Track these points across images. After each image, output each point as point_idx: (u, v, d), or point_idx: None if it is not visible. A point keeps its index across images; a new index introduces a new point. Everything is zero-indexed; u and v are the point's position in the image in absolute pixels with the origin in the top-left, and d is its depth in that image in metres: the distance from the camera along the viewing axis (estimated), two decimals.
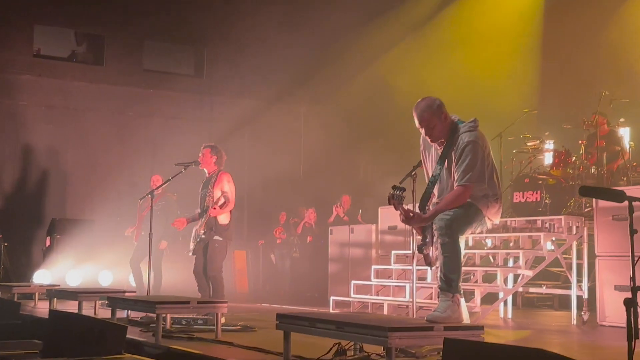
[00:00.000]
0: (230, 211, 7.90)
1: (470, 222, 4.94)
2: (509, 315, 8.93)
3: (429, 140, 5.09)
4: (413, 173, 5.73)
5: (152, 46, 17.05)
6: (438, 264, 4.90)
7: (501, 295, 8.24)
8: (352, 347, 4.79)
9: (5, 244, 12.96)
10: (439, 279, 4.84)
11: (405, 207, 4.99)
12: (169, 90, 16.61)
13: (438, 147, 5.08)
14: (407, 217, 4.94)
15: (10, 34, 15.13)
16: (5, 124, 14.88)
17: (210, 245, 7.77)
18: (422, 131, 5.08)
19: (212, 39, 16.87)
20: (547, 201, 9.65)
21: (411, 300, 6.75)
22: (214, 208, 7.75)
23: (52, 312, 6.08)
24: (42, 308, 9.26)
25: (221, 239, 7.77)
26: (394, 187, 4.87)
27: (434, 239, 4.91)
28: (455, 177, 4.93)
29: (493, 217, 5.05)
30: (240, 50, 16.54)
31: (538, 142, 10.56)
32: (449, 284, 4.77)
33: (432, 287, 8.49)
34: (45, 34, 16.03)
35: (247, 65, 16.59)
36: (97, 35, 16.38)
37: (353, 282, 9.94)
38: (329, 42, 15.63)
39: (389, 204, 4.89)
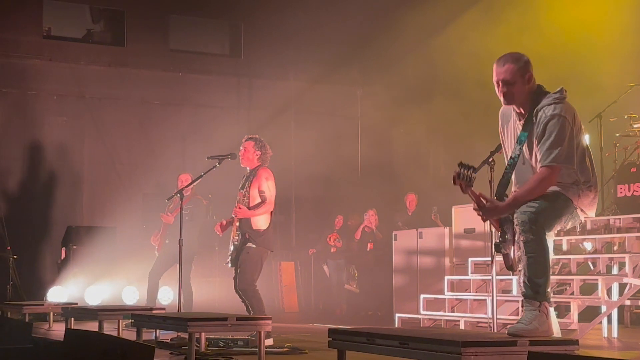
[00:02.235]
0: (271, 213, 7.95)
1: (559, 215, 4.89)
2: (614, 334, 8.78)
3: (502, 101, 5.03)
4: (490, 160, 5.69)
5: (179, 22, 17.31)
6: (520, 267, 4.87)
7: (603, 309, 8.14)
8: None
9: (14, 257, 13.31)
10: (522, 284, 4.80)
11: (477, 192, 4.95)
12: (200, 74, 16.83)
13: (518, 121, 5.04)
14: (480, 206, 4.91)
15: (16, 12, 15.52)
16: (11, 117, 15.27)
17: (242, 253, 7.85)
18: (498, 89, 5.03)
19: (249, 12, 17.02)
20: None
21: (492, 316, 6.70)
22: (239, 208, 7.82)
23: (69, 332, 6.26)
24: (57, 330, 9.50)
25: (254, 246, 7.81)
26: (461, 165, 4.85)
27: (516, 237, 4.87)
28: (538, 157, 4.88)
29: (587, 209, 4.98)
30: (283, 24, 16.64)
31: None
32: (535, 290, 4.74)
33: (518, 301, 8.43)
34: (56, 11, 16.41)
35: (291, 42, 16.69)
36: (116, 11, 16.71)
37: (422, 296, 9.95)
38: (386, 10, 15.59)
39: (454, 184, 4.86)
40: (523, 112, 5.03)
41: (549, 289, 4.78)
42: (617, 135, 10.92)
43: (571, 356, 3.57)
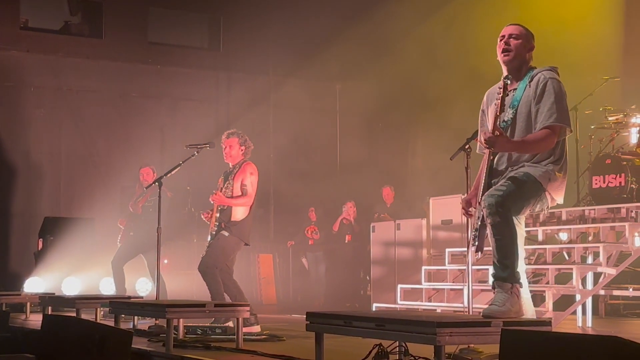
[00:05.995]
0: (250, 207, 7.98)
1: (527, 198, 4.91)
2: (589, 323, 8.88)
3: (501, 54, 5.06)
4: (467, 147, 5.72)
5: (158, 14, 17.27)
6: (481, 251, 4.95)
7: (578, 298, 8.23)
8: (396, 349, 4.85)
9: None
10: (493, 266, 4.86)
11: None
12: (179, 67, 16.81)
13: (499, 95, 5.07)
14: (491, 137, 4.82)
15: None
16: None
17: (214, 239, 7.91)
18: (500, 43, 5.08)
19: (229, 6, 17.02)
20: (633, 186, 9.61)
21: (468, 305, 6.75)
22: (216, 193, 7.84)
23: (47, 317, 6.28)
24: (34, 320, 9.47)
25: (227, 234, 7.86)
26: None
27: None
28: (538, 119, 4.89)
29: (555, 194, 5.00)
30: (262, 18, 16.65)
31: (622, 115, 10.48)
32: (505, 270, 4.79)
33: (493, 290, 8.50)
34: (34, 3, 16.34)
35: (270, 36, 16.71)
36: (94, 3, 16.65)
37: (400, 286, 10.01)
38: (365, 4, 15.64)
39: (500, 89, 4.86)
40: (513, 83, 5.04)
41: (518, 270, 4.83)
42: (593, 127, 11.01)
43: (543, 332, 3.64)
